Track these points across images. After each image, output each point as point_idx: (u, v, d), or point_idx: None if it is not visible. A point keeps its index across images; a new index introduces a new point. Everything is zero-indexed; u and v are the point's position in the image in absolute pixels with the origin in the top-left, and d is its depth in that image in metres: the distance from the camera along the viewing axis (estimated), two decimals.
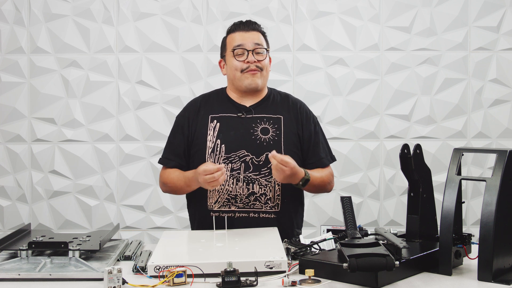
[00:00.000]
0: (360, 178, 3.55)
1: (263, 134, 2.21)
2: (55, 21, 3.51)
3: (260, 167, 2.18)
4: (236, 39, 2.23)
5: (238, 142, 2.20)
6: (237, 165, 2.18)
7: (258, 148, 2.19)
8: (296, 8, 3.53)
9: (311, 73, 3.54)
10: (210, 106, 2.30)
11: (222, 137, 2.21)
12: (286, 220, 2.22)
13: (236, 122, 2.23)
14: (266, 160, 2.17)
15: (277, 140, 2.21)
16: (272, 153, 2.03)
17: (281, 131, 2.22)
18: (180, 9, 3.52)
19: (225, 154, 2.19)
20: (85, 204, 3.54)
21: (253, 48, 2.21)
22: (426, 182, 1.94)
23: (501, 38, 3.53)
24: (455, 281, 1.68)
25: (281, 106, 2.29)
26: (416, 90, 3.54)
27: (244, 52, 2.21)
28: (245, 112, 2.25)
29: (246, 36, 2.22)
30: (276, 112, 2.26)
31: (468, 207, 3.54)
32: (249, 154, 2.19)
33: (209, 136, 2.23)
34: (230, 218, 2.16)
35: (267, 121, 2.23)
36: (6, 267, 1.77)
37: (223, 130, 2.22)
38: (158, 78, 3.53)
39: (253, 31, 2.24)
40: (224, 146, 2.20)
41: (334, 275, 1.65)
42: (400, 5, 3.53)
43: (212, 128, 2.24)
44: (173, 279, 1.60)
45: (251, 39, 2.22)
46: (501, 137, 3.55)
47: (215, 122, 2.24)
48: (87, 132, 3.53)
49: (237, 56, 2.22)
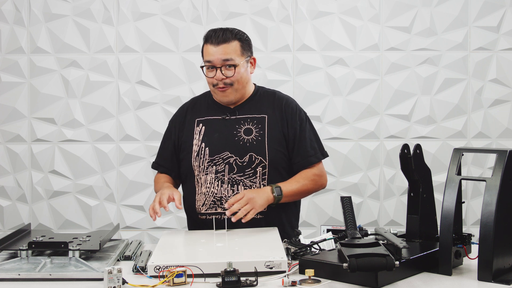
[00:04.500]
0: (360, 178, 3.55)
1: (246, 135, 2.21)
2: (55, 21, 3.51)
3: (244, 168, 2.19)
4: (206, 54, 2.19)
5: (221, 144, 2.21)
6: (221, 167, 2.19)
7: (241, 149, 2.19)
8: (296, 8, 3.53)
9: (311, 73, 3.54)
10: (197, 110, 2.31)
11: (207, 140, 2.22)
12: (275, 219, 2.20)
13: (220, 125, 2.24)
14: (250, 161, 2.18)
15: (261, 140, 2.20)
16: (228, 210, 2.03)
17: (264, 130, 2.22)
18: (180, 9, 3.52)
19: (209, 156, 2.21)
20: (85, 204, 3.54)
21: (221, 64, 2.16)
22: (426, 182, 1.94)
23: (501, 38, 3.53)
24: (455, 281, 1.68)
25: (266, 105, 2.27)
26: (416, 90, 3.54)
27: (214, 68, 2.18)
28: (229, 113, 2.25)
29: (214, 51, 2.15)
30: (260, 111, 2.25)
31: (468, 207, 3.54)
32: (232, 155, 2.19)
33: (195, 140, 2.24)
34: (217, 220, 2.15)
35: (251, 121, 2.23)
36: (6, 267, 1.77)
37: (208, 133, 2.24)
38: (158, 78, 3.53)
39: (223, 43, 2.16)
40: (208, 149, 2.21)
41: (334, 275, 1.65)
42: (400, 5, 3.53)
43: (198, 132, 2.25)
44: (173, 279, 1.60)
45: (219, 55, 2.15)
46: (501, 137, 3.55)
47: (201, 125, 2.26)
48: (87, 132, 3.53)
49: (207, 71, 2.20)
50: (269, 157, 2.19)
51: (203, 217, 2.22)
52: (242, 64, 2.19)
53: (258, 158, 2.19)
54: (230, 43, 2.17)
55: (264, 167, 2.19)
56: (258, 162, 2.19)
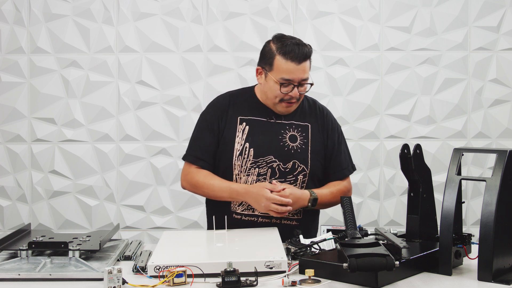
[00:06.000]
0: (360, 178, 3.55)
1: (291, 142, 2.20)
2: (55, 21, 3.51)
3: (286, 174, 2.18)
4: (286, 71, 2.10)
5: (266, 147, 2.18)
6: (264, 171, 2.17)
7: (286, 155, 2.18)
8: (296, 8, 3.53)
9: (311, 73, 3.51)
10: (239, 106, 2.25)
11: (251, 141, 2.18)
12: (306, 227, 2.21)
13: (265, 127, 2.21)
14: (293, 167, 2.18)
15: (304, 148, 2.20)
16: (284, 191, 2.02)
17: (308, 139, 2.22)
18: (180, 9, 3.52)
19: (253, 158, 2.17)
20: (85, 204, 3.54)
21: (299, 82, 2.13)
22: (426, 182, 1.94)
23: (501, 38, 3.53)
24: (455, 281, 1.68)
25: (309, 113, 2.28)
26: (416, 90, 3.54)
27: (290, 85, 2.13)
28: (274, 117, 2.23)
29: (297, 69, 2.10)
30: (304, 119, 2.26)
31: (468, 207, 3.54)
32: (276, 160, 2.18)
33: (238, 138, 2.20)
34: (252, 222, 2.17)
35: (296, 128, 2.22)
36: (6, 267, 1.77)
37: (252, 134, 2.19)
38: (158, 78, 3.53)
39: (304, 61, 2.11)
40: (252, 150, 2.18)
41: (334, 275, 1.65)
42: (400, 5, 3.53)
43: (241, 130, 2.20)
44: (173, 279, 1.60)
45: (300, 73, 2.11)
46: (501, 137, 3.55)
47: (244, 124, 2.21)
48: (87, 132, 3.53)
49: (282, 87, 2.13)
50: (311, 167, 2.20)
51: (238, 217, 2.19)
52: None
53: (301, 166, 2.19)
54: (307, 61, 2.14)
55: (305, 175, 2.20)
56: (300, 170, 2.19)
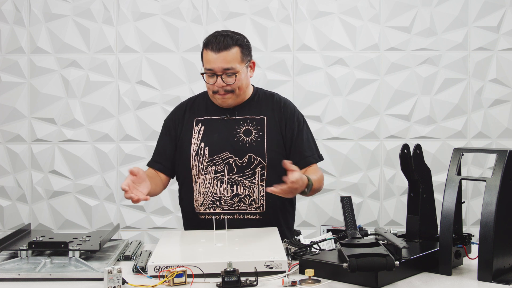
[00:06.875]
0: (360, 178, 3.55)
1: (246, 136, 2.22)
2: (55, 21, 3.51)
3: (244, 169, 2.20)
4: (206, 61, 2.15)
5: (221, 144, 2.21)
6: (221, 167, 2.20)
7: (241, 150, 2.20)
8: (296, 8, 3.53)
9: (311, 73, 3.54)
10: (196, 109, 2.31)
11: (206, 140, 2.23)
12: (272, 220, 2.21)
13: (220, 125, 2.24)
14: (249, 161, 2.20)
15: (260, 141, 2.21)
16: (290, 177, 1.93)
17: (264, 132, 2.23)
18: (180, 9, 3.52)
19: (209, 156, 2.21)
20: (85, 204, 3.54)
21: (222, 72, 2.13)
22: (426, 182, 1.94)
23: (501, 38, 3.53)
24: (455, 281, 1.68)
25: (265, 106, 2.28)
26: (416, 90, 3.54)
27: (214, 75, 2.15)
28: (228, 114, 2.25)
29: (215, 58, 2.12)
30: (260, 113, 2.26)
31: (468, 207, 3.54)
32: (232, 156, 2.20)
33: (194, 139, 2.24)
34: (216, 220, 2.16)
35: (250, 123, 2.24)
36: (6, 267, 1.77)
37: (207, 133, 2.24)
38: (158, 78, 3.53)
39: (224, 50, 2.12)
40: (207, 149, 2.22)
41: (334, 275, 1.65)
42: (400, 5, 3.53)
43: (197, 132, 2.25)
44: (173, 279, 1.60)
45: (220, 63, 2.12)
46: (501, 137, 3.55)
47: (200, 125, 2.26)
48: (87, 132, 3.53)
49: (207, 78, 2.17)
50: (267, 158, 2.20)
51: (202, 217, 2.23)
52: (242, 70, 2.18)
53: (257, 159, 2.20)
54: (230, 50, 2.14)
55: (263, 168, 2.20)
56: (257, 163, 2.20)
